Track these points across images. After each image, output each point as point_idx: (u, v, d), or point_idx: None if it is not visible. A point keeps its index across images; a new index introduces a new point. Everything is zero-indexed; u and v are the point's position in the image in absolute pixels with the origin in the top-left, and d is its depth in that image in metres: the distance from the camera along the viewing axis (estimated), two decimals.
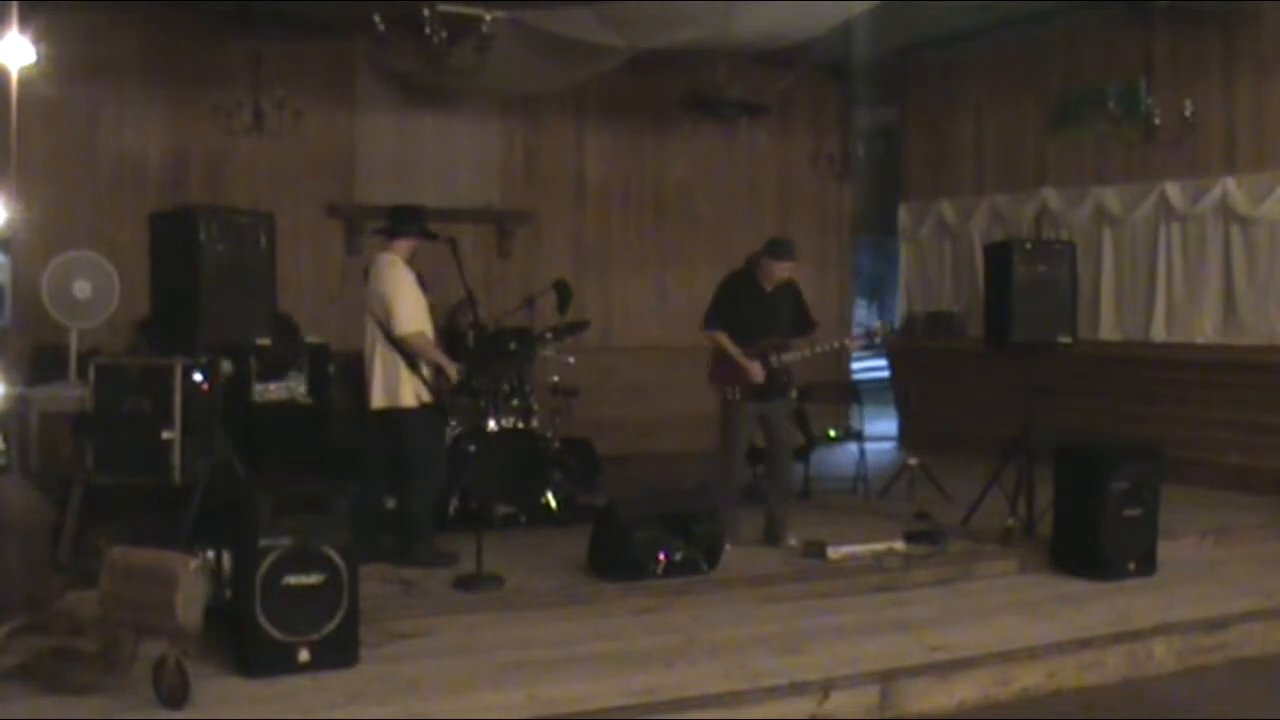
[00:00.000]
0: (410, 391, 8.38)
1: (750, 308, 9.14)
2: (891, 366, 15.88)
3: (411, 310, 8.35)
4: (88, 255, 9.88)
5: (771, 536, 9.18)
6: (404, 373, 8.35)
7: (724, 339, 9.08)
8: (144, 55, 11.90)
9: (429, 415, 8.49)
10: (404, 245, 8.56)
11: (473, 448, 9.52)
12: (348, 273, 12.85)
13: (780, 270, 9.15)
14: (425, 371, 8.37)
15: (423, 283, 8.57)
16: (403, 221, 8.63)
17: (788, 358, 9.19)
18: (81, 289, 9.71)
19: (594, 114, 14.14)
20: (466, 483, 9.45)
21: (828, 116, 15.70)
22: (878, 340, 10.36)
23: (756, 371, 9.01)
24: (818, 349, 9.60)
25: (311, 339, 10.78)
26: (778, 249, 9.22)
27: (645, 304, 14.49)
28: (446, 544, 8.53)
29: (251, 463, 8.10)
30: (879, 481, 11.54)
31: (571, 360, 11.02)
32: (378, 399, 8.45)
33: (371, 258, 8.82)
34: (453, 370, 8.49)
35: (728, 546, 8.95)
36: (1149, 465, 9.11)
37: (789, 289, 9.31)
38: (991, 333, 9.81)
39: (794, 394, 9.78)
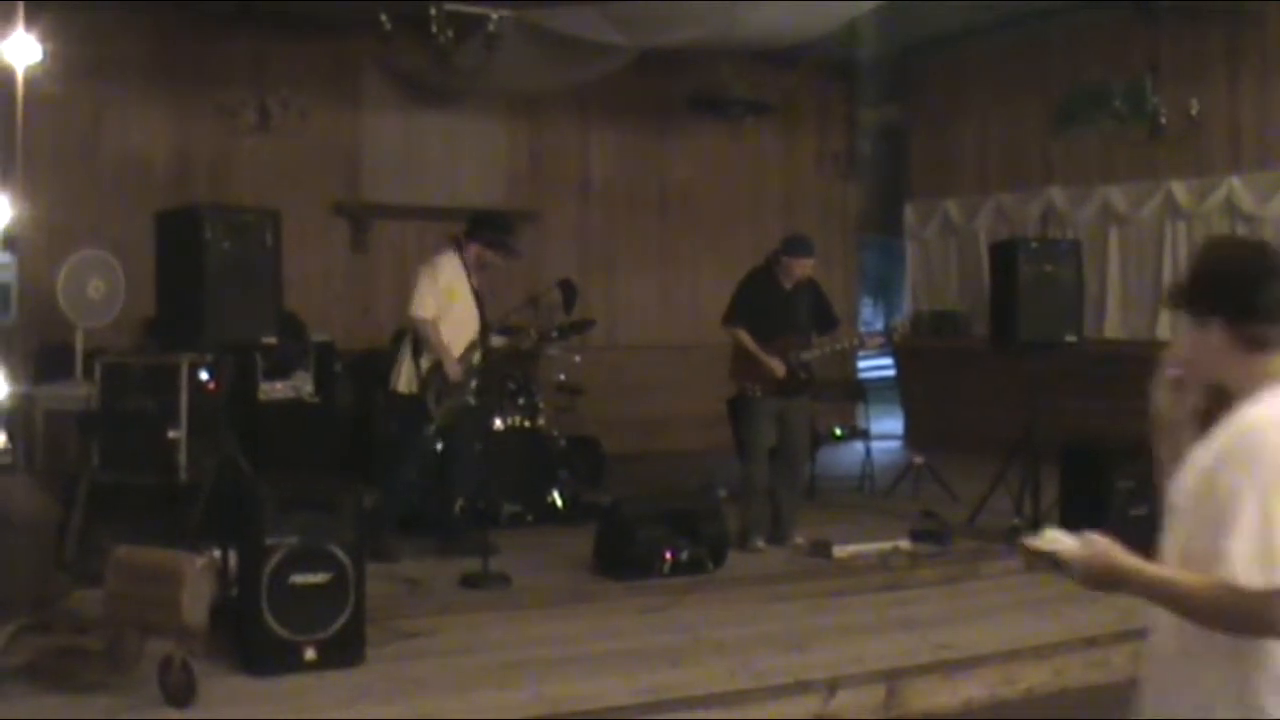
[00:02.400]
0: (405, 378, 8.56)
1: (770, 305, 9.13)
2: (897, 365, 15.88)
3: (423, 298, 8.55)
4: (100, 255, 9.90)
5: (778, 535, 9.18)
6: (406, 357, 8.50)
7: (744, 336, 9.07)
8: (150, 54, 11.89)
9: (408, 406, 8.59)
10: (470, 249, 8.75)
11: (479, 446, 9.52)
12: (353, 271, 12.87)
13: (798, 267, 9.14)
14: (425, 363, 8.46)
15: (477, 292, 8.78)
16: (475, 228, 8.88)
17: (807, 355, 9.18)
18: (96, 288, 9.73)
19: (599, 113, 14.12)
20: (473, 481, 9.45)
21: (833, 116, 15.69)
22: (896, 337, 10.35)
23: (778, 367, 9.00)
24: (837, 346, 9.61)
25: (317, 337, 10.79)
26: (794, 246, 9.22)
27: (650, 303, 14.48)
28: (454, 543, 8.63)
29: (257, 461, 8.11)
30: (885, 480, 11.53)
31: (577, 359, 11.01)
32: (391, 380, 8.76)
33: None
34: (452, 369, 8.53)
35: (760, 544, 8.96)
36: (1154, 464, 9.08)
37: (810, 287, 9.30)
38: (997, 332, 9.80)
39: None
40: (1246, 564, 2.67)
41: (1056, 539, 2.94)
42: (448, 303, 8.62)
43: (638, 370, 13.92)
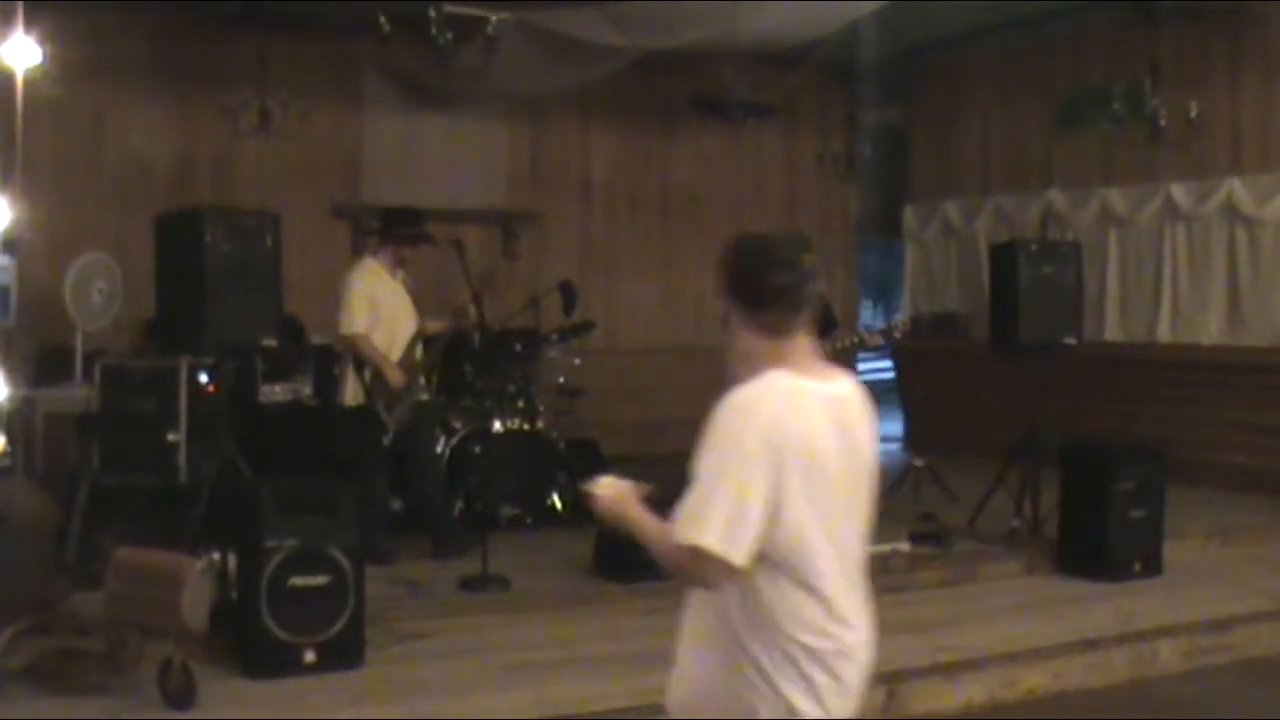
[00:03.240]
0: (351, 390, 8.56)
1: None
2: (897, 368, 15.88)
3: (351, 313, 8.55)
4: (102, 257, 9.91)
5: None
6: (350, 370, 8.52)
7: None
8: (150, 56, 11.88)
9: (360, 417, 8.57)
10: (386, 250, 8.74)
11: (478, 449, 9.52)
12: None
13: None
14: (367, 374, 8.48)
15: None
16: (385, 229, 8.85)
17: None
18: (100, 290, 9.74)
19: (600, 115, 14.12)
20: (472, 484, 9.45)
21: (834, 117, 15.68)
22: (898, 335, 10.31)
23: None
24: (837, 345, 9.60)
25: (317, 340, 10.77)
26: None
27: (651, 305, 14.46)
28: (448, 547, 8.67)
29: (257, 464, 8.11)
30: (884, 482, 11.49)
31: (577, 361, 11.01)
32: (339, 396, 8.80)
33: None
34: (393, 376, 8.52)
35: None
36: (1154, 466, 9.11)
37: None
38: (997, 334, 9.80)
39: None
40: (683, 521, 3.04)
41: (600, 481, 3.31)
42: (375, 310, 8.62)
43: (638, 372, 13.91)
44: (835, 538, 3.29)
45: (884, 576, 8.58)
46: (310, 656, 6.38)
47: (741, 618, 3.15)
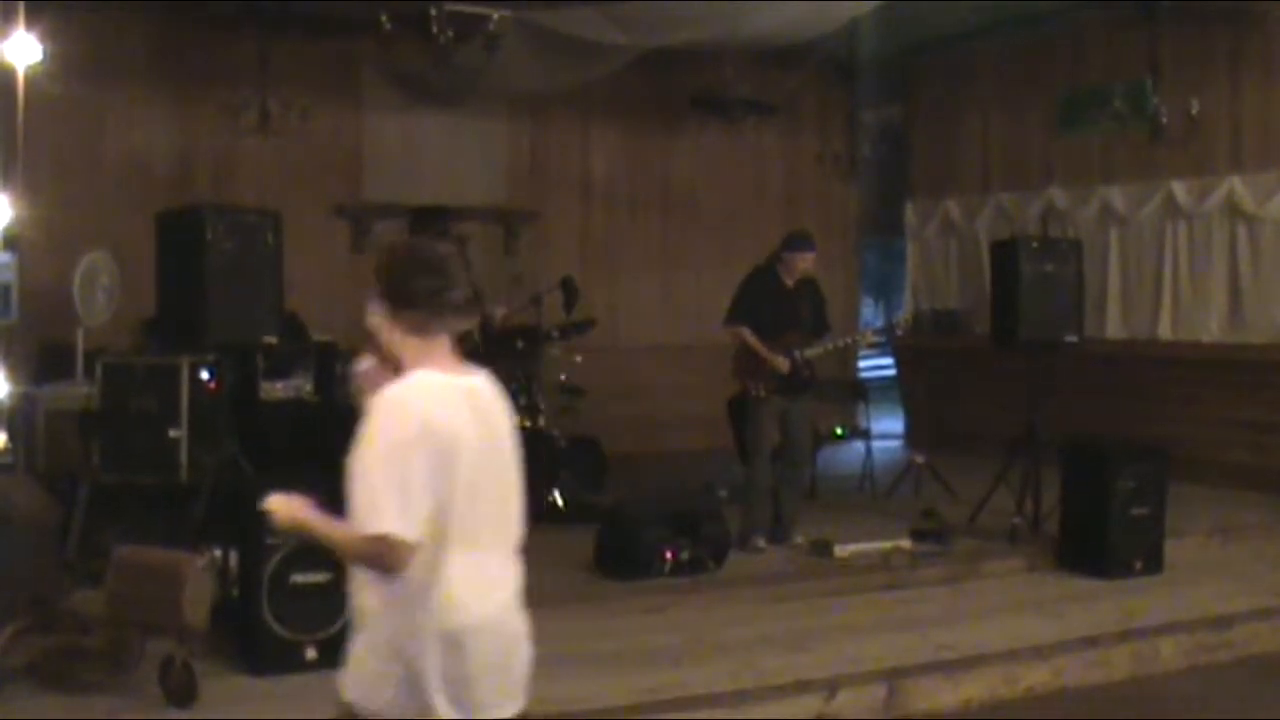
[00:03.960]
0: None
1: (773, 303, 9.12)
2: (898, 365, 15.88)
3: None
4: (105, 254, 9.92)
5: (779, 535, 9.17)
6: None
7: (747, 334, 9.05)
8: (151, 54, 11.88)
9: None
10: None
11: None
12: (354, 272, 12.83)
13: (801, 261, 9.13)
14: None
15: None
16: (414, 228, 8.83)
17: (810, 352, 9.16)
18: (104, 287, 9.75)
19: (600, 113, 14.12)
20: None
21: (834, 116, 15.68)
22: (899, 332, 10.31)
23: (781, 364, 8.98)
24: (840, 342, 9.60)
25: (318, 338, 10.77)
26: (796, 241, 9.22)
27: (651, 303, 14.46)
28: None
29: (258, 461, 8.11)
30: (886, 480, 11.52)
31: (579, 359, 11.00)
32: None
33: None
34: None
35: (761, 544, 8.94)
36: (1155, 464, 9.11)
37: (811, 286, 9.30)
38: (998, 331, 9.81)
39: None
40: (362, 515, 3.30)
41: (270, 499, 3.60)
42: None
43: (639, 370, 13.91)
44: (481, 518, 3.47)
45: (885, 573, 8.61)
46: (312, 654, 6.37)
47: (382, 599, 3.38)
